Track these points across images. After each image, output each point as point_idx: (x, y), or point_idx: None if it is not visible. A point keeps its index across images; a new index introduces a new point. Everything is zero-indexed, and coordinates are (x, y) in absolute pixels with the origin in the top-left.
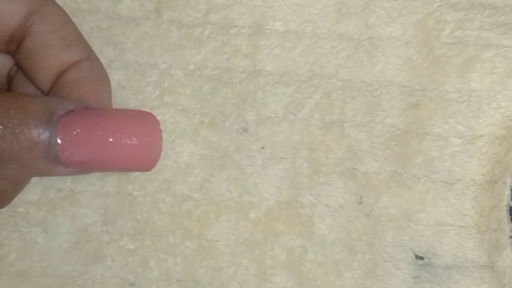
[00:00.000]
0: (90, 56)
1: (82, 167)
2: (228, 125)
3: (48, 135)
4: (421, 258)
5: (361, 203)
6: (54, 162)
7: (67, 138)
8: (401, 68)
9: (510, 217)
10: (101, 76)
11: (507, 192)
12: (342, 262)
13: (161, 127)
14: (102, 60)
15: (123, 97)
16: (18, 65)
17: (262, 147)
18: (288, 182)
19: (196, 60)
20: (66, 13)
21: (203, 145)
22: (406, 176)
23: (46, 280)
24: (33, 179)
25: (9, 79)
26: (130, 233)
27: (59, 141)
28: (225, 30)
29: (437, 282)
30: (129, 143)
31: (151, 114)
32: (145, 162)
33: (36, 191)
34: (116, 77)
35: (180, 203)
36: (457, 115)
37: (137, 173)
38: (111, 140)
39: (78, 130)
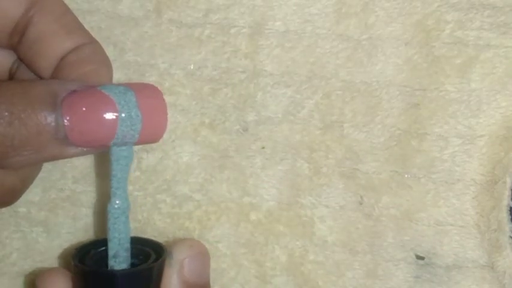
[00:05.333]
0: (92, 41)
1: (91, 145)
2: (228, 125)
3: (54, 117)
4: (422, 258)
5: (361, 204)
6: (64, 144)
7: (74, 118)
8: (401, 68)
9: (510, 217)
10: (102, 59)
11: (507, 192)
12: (342, 262)
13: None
14: None
15: None
16: (20, 57)
17: (262, 148)
18: (288, 183)
19: (196, 60)
20: (65, 3)
21: (203, 145)
22: (406, 176)
23: None
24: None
25: (11, 75)
26: (131, 233)
27: (66, 122)
28: (225, 30)
29: (438, 282)
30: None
31: (153, 86)
32: (152, 134)
33: (37, 191)
34: (116, 77)
35: (181, 204)
36: (457, 115)
37: (137, 174)
38: (116, 114)
39: (84, 109)
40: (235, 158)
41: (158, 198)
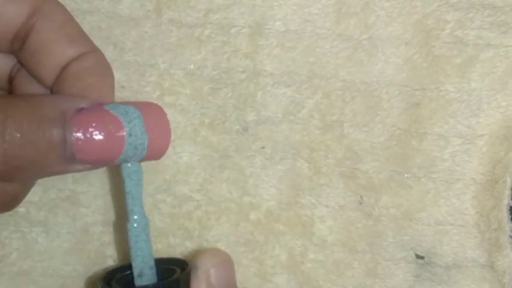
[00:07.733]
0: (95, 49)
1: (97, 163)
2: (228, 125)
3: (63, 136)
4: (422, 257)
5: (361, 203)
6: (70, 161)
7: (82, 138)
8: (401, 68)
9: (510, 217)
10: (105, 69)
11: (507, 191)
12: (342, 262)
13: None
14: None
15: (123, 97)
16: (22, 63)
17: (262, 148)
18: (288, 182)
19: (196, 60)
20: (67, 10)
21: (203, 145)
22: (406, 175)
23: (47, 280)
24: None
25: (11, 79)
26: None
27: (74, 141)
28: (225, 30)
29: (438, 282)
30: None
31: (158, 105)
32: (156, 151)
33: (37, 191)
34: (116, 77)
35: (181, 204)
36: (457, 115)
37: None
38: (123, 133)
39: (92, 128)
40: (235, 158)
41: (158, 198)
